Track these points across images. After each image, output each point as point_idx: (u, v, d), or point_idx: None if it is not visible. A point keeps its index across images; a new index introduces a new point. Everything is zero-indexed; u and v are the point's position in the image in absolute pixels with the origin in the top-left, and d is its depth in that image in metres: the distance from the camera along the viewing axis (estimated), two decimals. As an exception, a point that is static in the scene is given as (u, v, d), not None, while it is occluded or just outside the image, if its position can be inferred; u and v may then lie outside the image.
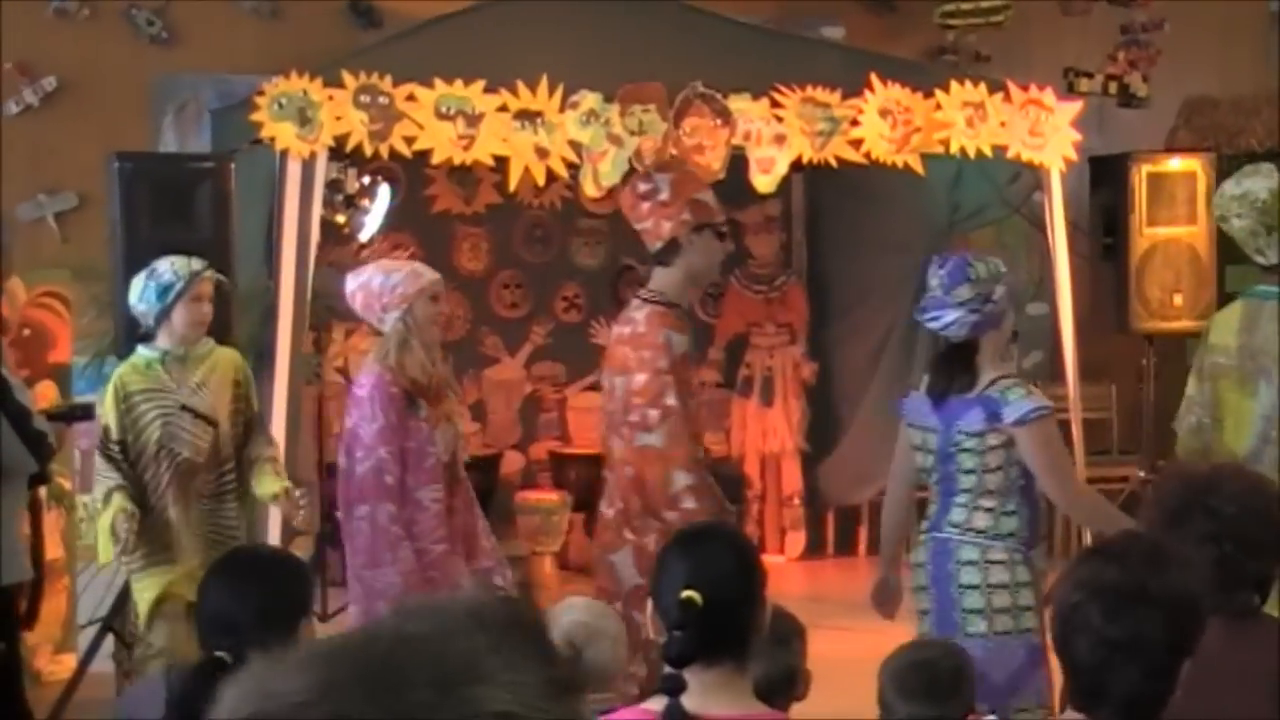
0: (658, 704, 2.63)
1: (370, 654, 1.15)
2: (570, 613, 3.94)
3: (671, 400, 5.13)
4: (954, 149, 7.56)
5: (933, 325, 4.82)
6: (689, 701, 2.59)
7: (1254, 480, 3.53)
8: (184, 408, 5.54)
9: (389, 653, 1.15)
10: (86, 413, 6.41)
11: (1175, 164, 8.85)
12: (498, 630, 1.17)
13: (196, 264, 5.64)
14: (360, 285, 5.55)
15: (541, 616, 1.19)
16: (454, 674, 1.13)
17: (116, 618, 6.34)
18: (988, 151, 7.64)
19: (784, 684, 3.75)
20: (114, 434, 5.48)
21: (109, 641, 6.38)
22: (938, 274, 4.77)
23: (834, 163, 7.40)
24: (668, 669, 2.57)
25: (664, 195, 5.41)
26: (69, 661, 6.84)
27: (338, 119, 6.63)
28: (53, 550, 6.53)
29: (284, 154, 6.61)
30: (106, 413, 5.56)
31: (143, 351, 5.60)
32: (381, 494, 5.30)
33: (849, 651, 5.65)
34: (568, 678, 1.18)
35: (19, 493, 5.71)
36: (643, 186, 5.43)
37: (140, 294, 5.57)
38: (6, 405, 5.33)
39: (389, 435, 5.31)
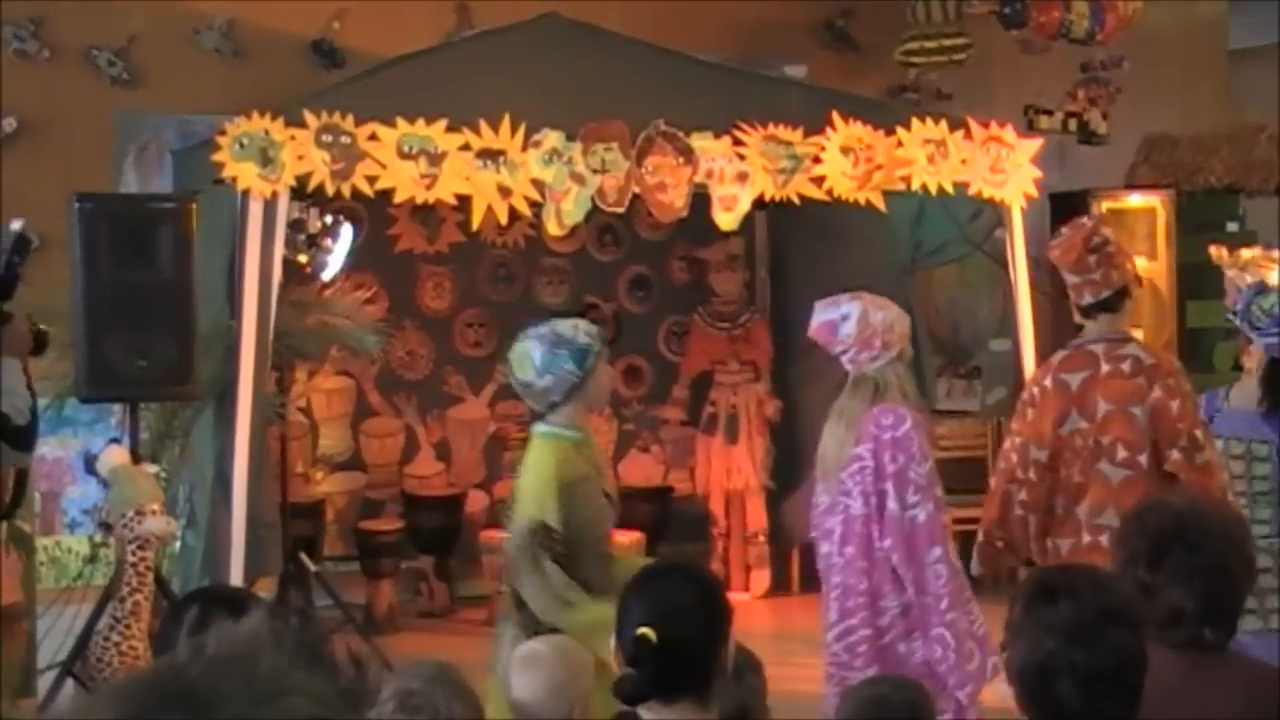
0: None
1: (181, 679, 1.22)
2: (529, 644, 3.93)
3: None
4: (915, 186, 7.60)
5: (1274, 341, 5.36)
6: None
7: (1232, 514, 3.57)
8: (606, 494, 4.89)
9: (200, 675, 1.22)
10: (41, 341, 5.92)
11: (1135, 200, 8.92)
12: (291, 648, 1.25)
13: (592, 325, 5.08)
14: (856, 317, 5.30)
15: (325, 635, 1.27)
16: (265, 688, 1.22)
17: (76, 662, 6.28)
18: (949, 188, 7.68)
19: (749, 713, 3.73)
20: (559, 532, 4.71)
21: (69, 686, 6.32)
22: (1273, 298, 5.37)
23: (796, 200, 7.43)
24: (622, 707, 2.54)
25: (1112, 248, 5.53)
26: (29, 706, 6.77)
27: (300, 159, 6.63)
28: (11, 595, 6.47)
29: (246, 194, 6.60)
30: (543, 508, 4.74)
31: (563, 431, 4.83)
32: (946, 534, 5.19)
33: (814, 688, 5.64)
34: (358, 688, 1.28)
35: None
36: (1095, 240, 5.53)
37: (546, 365, 4.79)
38: None
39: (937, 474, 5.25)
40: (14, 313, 5.30)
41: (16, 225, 5.49)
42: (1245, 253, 7.47)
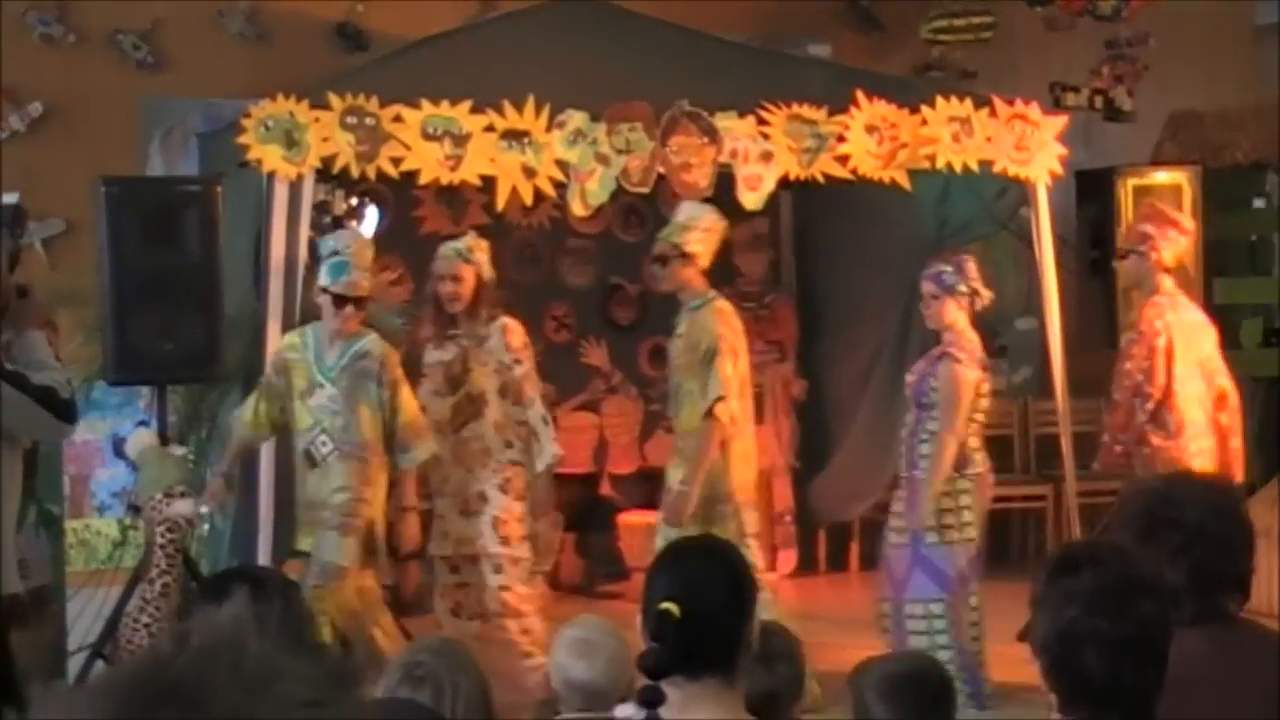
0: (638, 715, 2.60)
1: (168, 673, 1.17)
2: (573, 629, 3.95)
3: None
4: (940, 164, 7.57)
5: None
6: (671, 714, 2.57)
7: (1211, 481, 3.52)
8: None
9: (187, 668, 1.17)
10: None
11: (1161, 177, 8.88)
12: (275, 632, 1.21)
13: None
14: None
15: (308, 616, 1.24)
16: (255, 676, 1.17)
17: (107, 644, 6.32)
18: (974, 167, 7.65)
19: (779, 700, 3.73)
20: None
21: (99, 668, 6.36)
22: None
23: (821, 179, 7.42)
24: (645, 681, 2.54)
25: None
26: (60, 688, 6.80)
27: (324, 140, 6.64)
28: (41, 577, 6.51)
29: (271, 176, 6.61)
30: None
31: None
32: None
33: (841, 667, 5.64)
34: (346, 669, 1.25)
35: (12, 496, 5.27)
36: None
37: None
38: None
39: None
40: (31, 285, 5.20)
41: (11, 199, 5.41)
42: None
